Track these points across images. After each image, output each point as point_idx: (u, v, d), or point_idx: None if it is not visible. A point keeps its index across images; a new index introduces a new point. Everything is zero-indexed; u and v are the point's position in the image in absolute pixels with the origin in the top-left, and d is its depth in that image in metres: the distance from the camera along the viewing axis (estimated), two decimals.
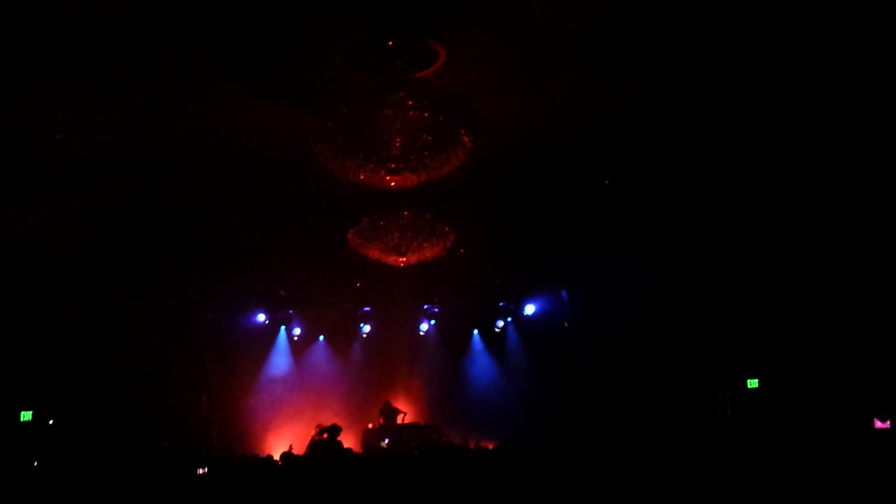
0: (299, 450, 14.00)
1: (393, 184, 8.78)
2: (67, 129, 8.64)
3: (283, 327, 18.57)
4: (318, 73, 7.79)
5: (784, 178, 10.80)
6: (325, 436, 13.05)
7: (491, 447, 14.63)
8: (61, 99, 7.91)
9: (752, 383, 14.81)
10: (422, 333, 19.49)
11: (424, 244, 11.29)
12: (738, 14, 6.83)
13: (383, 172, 8.49)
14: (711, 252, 13.68)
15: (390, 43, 7.24)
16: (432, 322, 19.46)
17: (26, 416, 14.15)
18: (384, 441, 16.80)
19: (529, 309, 18.70)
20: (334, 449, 12.43)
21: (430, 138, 8.23)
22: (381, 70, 7.54)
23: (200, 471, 12.78)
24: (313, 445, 14.59)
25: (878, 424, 11.65)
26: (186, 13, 6.54)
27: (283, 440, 16.27)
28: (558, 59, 7.64)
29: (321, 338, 19.27)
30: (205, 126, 8.91)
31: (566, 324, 17.58)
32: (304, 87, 8.15)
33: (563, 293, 17.78)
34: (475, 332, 20.03)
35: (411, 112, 7.90)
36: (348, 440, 16.01)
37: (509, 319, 19.62)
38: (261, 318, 18.05)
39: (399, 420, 17.93)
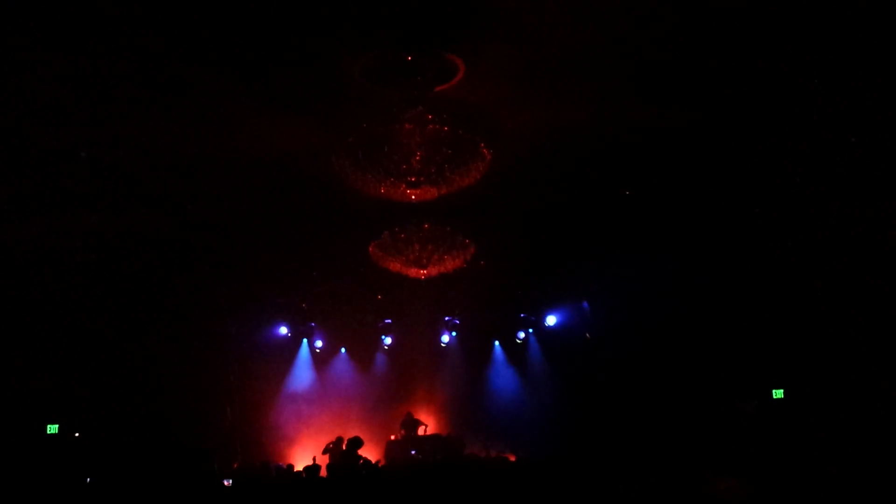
0: (322, 462, 14.04)
1: (413, 197, 8.80)
2: (93, 147, 8.78)
3: (304, 340, 18.63)
4: (338, 88, 7.85)
5: (809, 187, 10.71)
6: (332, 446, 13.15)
7: (512, 458, 14.62)
8: (85, 117, 8.03)
9: (778, 394, 14.65)
10: (443, 345, 19.48)
11: (445, 256, 11.30)
12: (757, 22, 6.81)
13: (404, 186, 8.52)
14: (734, 262, 13.59)
15: (409, 58, 7.29)
16: (453, 333, 19.45)
17: (53, 429, 14.30)
18: (411, 453, 16.82)
19: (551, 320, 18.65)
20: (352, 460, 12.50)
21: (450, 151, 8.25)
22: (400, 85, 7.59)
23: (226, 482, 12.91)
24: (331, 456, 14.67)
25: None
26: (206, 31, 6.63)
27: (306, 452, 16.32)
28: (577, 70, 7.64)
29: (343, 350, 19.34)
30: (226, 142, 9.00)
31: (588, 335, 17.51)
32: (323, 103, 8.22)
33: (585, 304, 17.72)
34: (496, 343, 20.02)
35: (431, 126, 7.92)
36: (372, 452, 16.06)
37: (531, 331, 19.57)
38: (283, 330, 18.13)
39: (420, 432, 17.92)
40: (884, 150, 9.40)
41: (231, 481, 12.86)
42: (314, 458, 14.17)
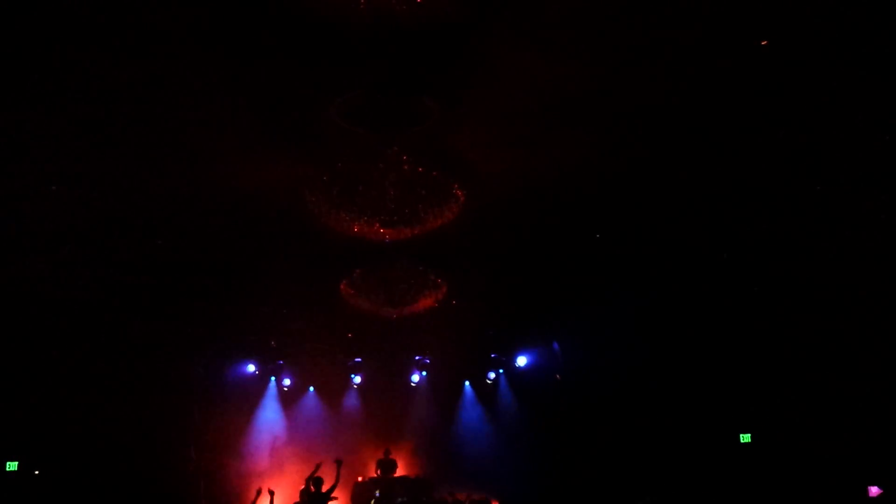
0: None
1: (387, 236, 8.83)
2: (62, 182, 8.67)
3: (272, 378, 18.39)
4: (314, 127, 7.87)
5: (778, 234, 10.88)
6: (313, 489, 12.95)
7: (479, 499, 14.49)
8: (57, 152, 7.96)
9: (745, 438, 14.70)
10: (413, 384, 19.34)
11: (417, 296, 11.30)
12: (738, 67, 6.92)
13: (377, 225, 8.55)
14: (704, 305, 13.72)
15: (385, 100, 7.35)
16: (423, 373, 19.33)
17: (12, 466, 13.93)
18: (376, 495, 16.56)
19: (521, 361, 18.60)
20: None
21: (424, 192, 8.30)
22: (375, 126, 7.64)
23: None
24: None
25: (873, 492, 11.40)
26: (182, 68, 6.65)
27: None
28: (553, 115, 7.72)
29: (311, 388, 19.10)
30: (198, 179, 8.92)
31: (558, 376, 17.50)
32: (299, 141, 8.22)
33: (556, 345, 17.74)
34: (467, 383, 19.90)
35: (406, 166, 7.98)
36: (339, 493, 15.74)
37: (501, 371, 19.50)
38: (250, 368, 17.90)
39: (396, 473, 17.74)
40: (854, 198, 9.56)
41: None
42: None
